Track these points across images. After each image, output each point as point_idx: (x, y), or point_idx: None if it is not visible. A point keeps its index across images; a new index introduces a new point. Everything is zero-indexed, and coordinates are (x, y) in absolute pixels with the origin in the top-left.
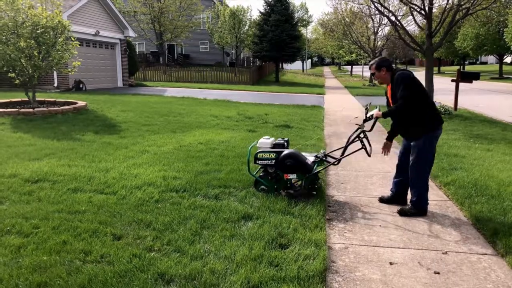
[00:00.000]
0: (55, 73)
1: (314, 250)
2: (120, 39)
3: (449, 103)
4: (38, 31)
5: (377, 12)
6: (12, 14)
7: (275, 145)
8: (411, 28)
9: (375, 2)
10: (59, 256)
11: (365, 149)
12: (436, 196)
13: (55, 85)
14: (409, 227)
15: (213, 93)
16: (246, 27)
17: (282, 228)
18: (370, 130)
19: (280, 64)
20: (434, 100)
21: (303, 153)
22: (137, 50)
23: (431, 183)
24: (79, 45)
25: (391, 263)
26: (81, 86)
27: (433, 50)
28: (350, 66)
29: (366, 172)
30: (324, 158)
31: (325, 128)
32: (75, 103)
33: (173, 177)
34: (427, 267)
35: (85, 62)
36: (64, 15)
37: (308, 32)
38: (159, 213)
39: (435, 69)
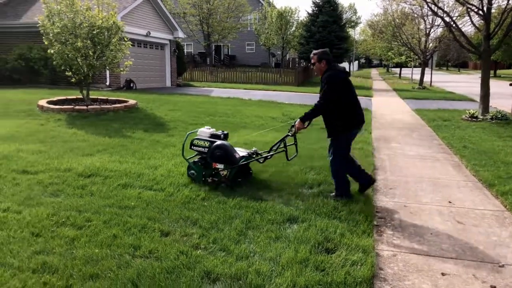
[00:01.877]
0: (107, 72)
1: (361, 256)
2: (169, 40)
3: (506, 108)
4: (94, 32)
5: (430, 13)
6: (71, 15)
7: (212, 135)
8: (466, 29)
9: (428, 2)
10: (110, 249)
11: (286, 152)
12: (492, 206)
13: (107, 83)
14: (462, 237)
15: (258, 94)
16: (293, 28)
17: (328, 232)
18: (293, 135)
19: None
20: (490, 104)
21: (238, 148)
22: (185, 51)
23: (486, 192)
24: (132, 45)
25: (443, 274)
26: (131, 85)
27: (491, 53)
28: (398, 69)
29: (416, 178)
30: (253, 155)
31: (373, 132)
32: (126, 101)
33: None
34: (482, 280)
35: (136, 62)
36: (117, 17)
37: (356, 33)
38: (205, 211)
39: (491, 72)
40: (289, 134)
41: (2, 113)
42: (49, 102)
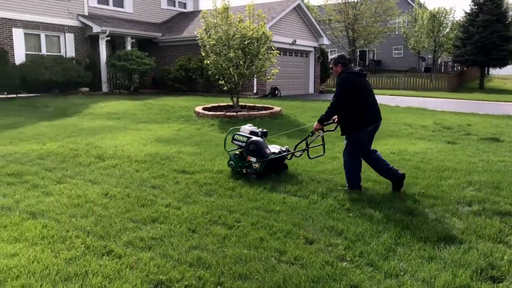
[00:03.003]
0: (255, 80)
1: None
2: (314, 47)
3: None
4: (245, 42)
5: None
6: (226, 28)
7: (251, 133)
8: None
9: None
10: (257, 251)
11: (307, 151)
12: None
13: (254, 91)
14: None
15: (406, 100)
16: (447, 30)
17: (493, 258)
18: (312, 135)
19: (486, 69)
20: None
21: (272, 145)
22: (329, 57)
23: None
24: (278, 54)
25: None
26: (276, 92)
27: None
28: None
29: None
30: (284, 152)
31: None
32: (271, 108)
33: (364, 187)
34: None
35: (281, 70)
36: (266, 27)
37: None
38: (350, 222)
39: None
40: (310, 134)
41: (166, 118)
42: (204, 109)
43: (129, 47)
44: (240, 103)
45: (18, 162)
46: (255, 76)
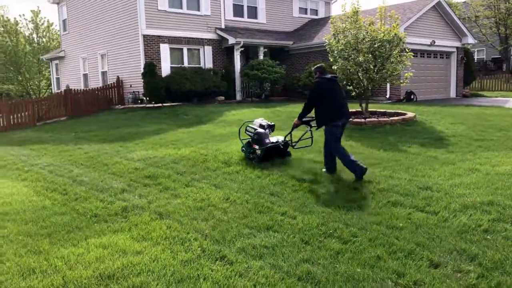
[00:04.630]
0: (388, 84)
1: None
2: (456, 47)
3: None
4: (375, 45)
5: None
6: (355, 31)
7: (260, 125)
8: None
9: None
10: (372, 271)
11: (291, 142)
12: None
13: (387, 96)
14: None
15: None
16: None
17: None
18: (292, 130)
19: None
20: None
21: (275, 137)
22: (475, 57)
23: None
24: (413, 56)
25: None
26: (412, 97)
27: None
28: None
29: None
30: (280, 142)
31: None
32: (404, 114)
33: (508, 206)
34: None
35: (417, 73)
36: (401, 28)
37: None
38: (488, 246)
39: None
40: (291, 129)
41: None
42: None
43: (261, 56)
44: (370, 109)
45: (155, 166)
46: (387, 80)
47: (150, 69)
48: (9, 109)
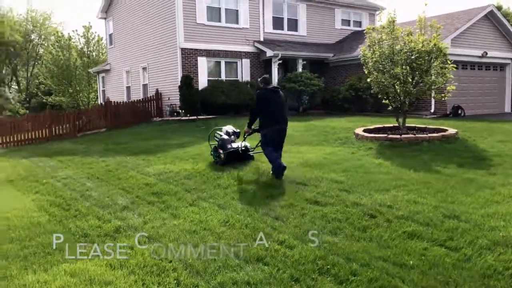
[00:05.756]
0: (432, 99)
1: None
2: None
3: None
4: (413, 57)
5: None
6: (390, 42)
7: (226, 132)
8: None
9: None
10: None
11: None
12: None
13: (432, 110)
14: None
15: None
16: None
17: None
18: (248, 135)
19: None
20: None
21: (237, 142)
22: None
23: None
24: (462, 68)
25: None
26: (459, 111)
27: None
28: None
29: None
30: (238, 148)
31: None
32: (444, 130)
33: None
34: None
35: (466, 86)
36: (447, 39)
37: None
38: None
39: None
40: (244, 137)
41: (322, 140)
42: (365, 130)
43: (300, 69)
44: (410, 124)
45: (167, 181)
46: (425, 93)
47: (187, 82)
48: (51, 121)
